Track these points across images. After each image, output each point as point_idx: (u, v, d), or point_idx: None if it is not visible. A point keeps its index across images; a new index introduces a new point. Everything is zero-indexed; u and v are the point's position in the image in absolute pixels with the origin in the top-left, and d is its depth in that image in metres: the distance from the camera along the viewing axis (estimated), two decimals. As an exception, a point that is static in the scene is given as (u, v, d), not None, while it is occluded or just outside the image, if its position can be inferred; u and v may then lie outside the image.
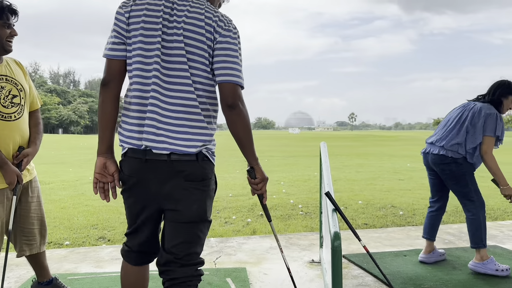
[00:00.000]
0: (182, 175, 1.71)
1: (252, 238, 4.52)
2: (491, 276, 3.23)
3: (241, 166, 13.81)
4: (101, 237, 4.78)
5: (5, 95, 2.36)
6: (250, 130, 1.78)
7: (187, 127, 1.72)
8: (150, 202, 1.79)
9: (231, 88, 1.70)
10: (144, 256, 1.93)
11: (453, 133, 3.38)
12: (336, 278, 1.88)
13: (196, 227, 1.78)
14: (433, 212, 3.65)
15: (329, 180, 2.65)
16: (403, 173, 11.37)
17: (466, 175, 3.33)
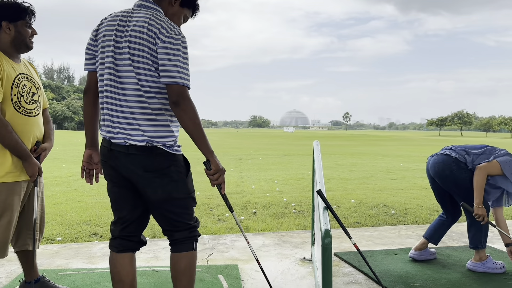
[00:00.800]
0: (141, 167, 1.98)
1: (245, 235, 4.53)
2: (480, 275, 3.27)
3: (235, 164, 13.83)
4: (93, 233, 4.78)
5: (27, 92, 2.51)
6: (198, 124, 1.95)
7: (136, 120, 1.97)
8: (124, 188, 2.09)
9: (174, 87, 1.91)
10: (126, 243, 2.14)
11: (470, 145, 3.42)
12: (326, 275, 1.89)
13: (169, 205, 2.05)
14: (443, 218, 3.66)
15: (321, 178, 2.67)
16: (396, 173, 11.43)
17: (468, 180, 3.29)
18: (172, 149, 2.02)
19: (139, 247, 2.22)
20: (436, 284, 3.08)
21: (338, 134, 74.37)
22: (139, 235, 2.20)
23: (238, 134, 67.20)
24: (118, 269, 2.12)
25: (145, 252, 3.83)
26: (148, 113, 1.98)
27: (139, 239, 2.20)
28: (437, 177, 3.45)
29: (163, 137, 2.00)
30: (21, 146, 2.40)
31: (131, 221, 2.14)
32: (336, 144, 32.19)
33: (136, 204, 2.12)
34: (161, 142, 1.99)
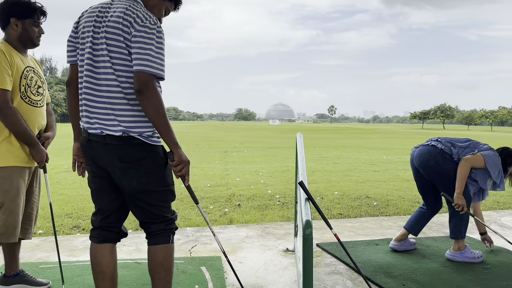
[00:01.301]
0: (117, 157, 1.98)
1: (229, 227, 4.55)
2: (458, 264, 3.35)
3: (220, 157, 13.81)
4: (75, 226, 4.73)
5: (34, 85, 2.61)
6: (162, 115, 1.92)
7: (112, 111, 1.97)
8: (103, 179, 2.08)
9: (140, 75, 1.88)
10: (107, 234, 2.14)
11: (455, 138, 3.50)
12: (307, 265, 1.92)
13: (145, 197, 2.04)
14: (423, 209, 3.72)
15: (304, 170, 2.68)
16: (379, 165, 11.56)
17: (452, 171, 3.36)
18: (150, 140, 2.01)
19: (120, 238, 2.22)
20: (415, 273, 3.14)
21: (323, 127, 74.80)
22: (120, 226, 2.19)
23: (223, 127, 67.04)
24: (99, 260, 2.12)
25: (128, 244, 3.81)
26: (124, 103, 1.97)
27: (119, 230, 2.19)
28: (422, 167, 3.51)
29: (140, 127, 1.98)
30: (30, 133, 2.50)
31: (111, 211, 2.14)
32: (321, 137, 32.38)
33: (116, 195, 2.11)
34: (137, 132, 1.98)
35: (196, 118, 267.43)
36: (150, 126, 2.00)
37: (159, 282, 2.09)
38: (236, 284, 2.95)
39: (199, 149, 17.32)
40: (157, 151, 2.05)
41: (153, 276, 2.10)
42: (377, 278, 3.03)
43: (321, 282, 3.00)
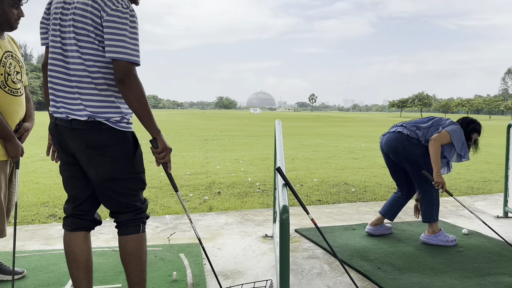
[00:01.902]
0: (83, 142, 1.93)
1: (208, 214, 4.55)
2: (432, 248, 3.43)
3: (200, 145, 13.75)
4: (52, 215, 4.66)
5: (13, 71, 2.45)
6: (144, 103, 1.90)
7: (79, 95, 1.91)
8: (73, 165, 2.03)
9: (120, 64, 1.84)
10: (79, 222, 2.09)
11: (418, 120, 3.59)
12: (284, 249, 1.93)
13: (112, 185, 1.99)
14: (398, 194, 3.80)
15: (282, 156, 2.69)
16: (358, 153, 11.71)
17: (420, 156, 3.46)
18: (118, 125, 1.95)
19: (94, 226, 2.17)
20: (391, 257, 3.21)
21: (304, 116, 75.14)
22: (92, 214, 2.14)
23: (204, 115, 66.63)
24: (72, 248, 2.07)
25: (105, 232, 3.78)
26: (91, 87, 1.91)
27: (92, 218, 2.14)
28: (392, 154, 3.59)
29: (107, 113, 1.92)
30: (5, 126, 2.36)
31: (83, 199, 2.08)
32: (301, 125, 32.54)
33: (87, 182, 2.05)
34: (104, 118, 1.92)
35: (176, 107, 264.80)
36: (119, 111, 1.95)
37: (132, 271, 2.06)
38: (215, 270, 2.96)
39: (179, 137, 17.19)
40: (126, 137, 1.99)
41: (125, 266, 2.07)
42: (353, 262, 3.09)
43: (298, 267, 3.04)
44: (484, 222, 3.52)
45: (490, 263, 3.09)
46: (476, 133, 3.60)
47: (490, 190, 6.33)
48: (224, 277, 2.85)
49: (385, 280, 2.75)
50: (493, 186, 6.69)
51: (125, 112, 1.99)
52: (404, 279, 2.78)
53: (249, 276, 2.87)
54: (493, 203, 5.14)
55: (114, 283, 2.70)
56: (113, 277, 2.78)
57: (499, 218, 4.46)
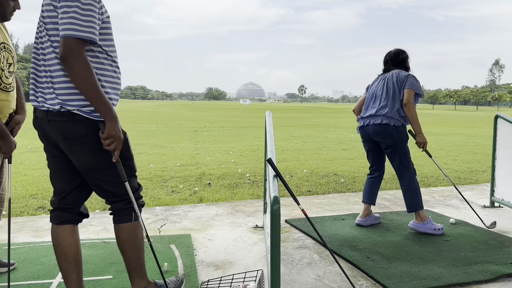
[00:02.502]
0: (60, 134, 1.91)
1: (199, 206, 4.55)
2: (420, 237, 3.49)
3: (190, 136, 13.70)
4: (40, 207, 4.62)
5: (6, 65, 2.35)
6: (91, 84, 1.80)
7: (51, 84, 1.88)
8: (57, 158, 2.02)
9: (65, 41, 1.77)
10: (66, 215, 2.08)
11: (390, 101, 3.60)
12: (274, 239, 1.95)
13: (97, 175, 1.97)
14: (373, 178, 3.86)
15: (272, 148, 2.70)
16: (347, 144, 11.78)
17: (405, 142, 3.59)
18: (92, 115, 1.89)
19: (81, 219, 2.15)
20: (379, 246, 3.26)
21: (293, 107, 75.22)
22: (78, 207, 2.13)
23: (193, 107, 66.32)
24: (60, 241, 2.07)
25: (95, 224, 3.76)
26: (61, 74, 1.86)
27: (78, 211, 2.12)
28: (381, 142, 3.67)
29: (77, 100, 1.86)
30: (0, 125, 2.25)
31: (68, 192, 2.06)
32: (291, 117, 32.59)
33: (72, 175, 2.03)
34: (75, 106, 1.86)
35: (165, 98, 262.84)
36: None
37: (127, 258, 2.10)
38: (206, 260, 2.98)
39: (168, 128, 17.11)
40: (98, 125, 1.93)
41: (122, 253, 2.10)
42: (343, 252, 3.12)
43: (289, 256, 3.07)
44: (472, 208, 3.59)
45: (477, 251, 3.15)
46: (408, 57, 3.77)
47: (477, 180, 6.43)
48: (215, 267, 2.86)
49: (374, 269, 2.79)
50: (480, 176, 6.79)
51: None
52: (392, 268, 2.83)
53: (240, 266, 2.89)
54: (480, 193, 5.22)
55: (105, 274, 2.70)
56: (104, 269, 2.78)
57: (486, 208, 4.54)
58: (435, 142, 12.33)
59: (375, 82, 3.80)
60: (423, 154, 8.69)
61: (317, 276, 2.73)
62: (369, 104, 3.74)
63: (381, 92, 3.67)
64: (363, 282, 2.66)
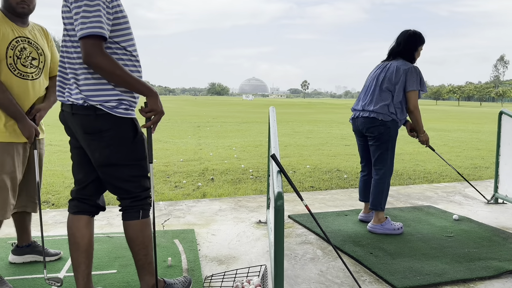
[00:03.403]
0: (80, 127, 1.97)
1: (202, 201, 4.57)
2: (423, 233, 3.49)
3: (193, 132, 13.72)
4: (45, 201, 4.64)
5: (26, 56, 2.46)
6: (120, 75, 1.87)
7: (75, 80, 1.96)
8: (79, 149, 2.09)
9: (82, 45, 1.83)
10: (82, 206, 2.13)
11: (376, 95, 3.49)
12: (278, 235, 1.96)
13: (111, 171, 2.02)
14: (366, 176, 3.80)
15: (276, 143, 2.70)
16: (350, 139, 11.76)
17: (390, 140, 3.47)
18: (114, 111, 1.94)
19: (97, 211, 2.19)
20: (382, 242, 3.26)
21: (296, 102, 75.11)
22: (95, 199, 2.16)
23: (196, 102, 66.33)
24: (73, 231, 2.11)
25: (99, 219, 3.78)
26: (84, 72, 1.93)
27: (94, 203, 2.16)
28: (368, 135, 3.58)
29: (100, 96, 1.93)
30: (14, 106, 2.38)
31: (87, 183, 2.12)
32: (294, 112, 32.55)
33: (92, 167, 2.09)
34: (98, 101, 1.92)
35: (168, 93, 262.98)
36: (115, 96, 1.94)
37: (135, 255, 2.13)
38: (209, 255, 2.99)
39: (171, 124, 17.12)
40: (124, 123, 1.98)
41: (130, 249, 2.14)
42: (346, 247, 3.13)
43: (292, 252, 3.08)
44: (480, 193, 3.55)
45: (480, 248, 3.15)
46: (421, 44, 3.56)
47: (481, 177, 6.42)
48: (219, 262, 2.88)
49: (377, 265, 2.80)
50: (484, 173, 6.78)
51: (124, 97, 1.97)
52: (395, 263, 2.83)
53: (243, 261, 2.90)
54: (483, 189, 5.21)
55: (109, 269, 2.71)
56: (108, 263, 2.80)
57: (489, 204, 4.53)
58: (438, 138, 12.30)
59: (371, 72, 3.68)
60: (426, 150, 8.69)
61: (320, 272, 2.74)
62: (361, 96, 3.67)
63: (371, 85, 3.56)
64: (366, 278, 2.66)
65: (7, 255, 2.90)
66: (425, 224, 3.73)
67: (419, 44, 3.54)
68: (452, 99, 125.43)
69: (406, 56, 3.51)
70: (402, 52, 3.52)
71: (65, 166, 6.60)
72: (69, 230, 2.13)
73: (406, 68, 3.41)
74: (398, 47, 3.55)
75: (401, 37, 3.55)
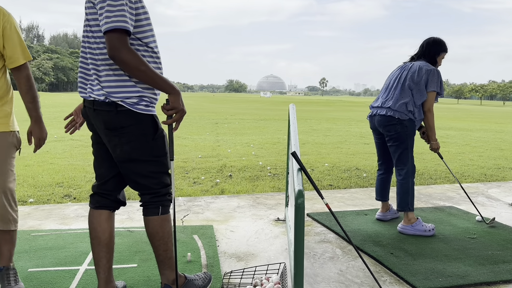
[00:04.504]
0: (102, 123, 1.99)
1: (220, 197, 4.58)
2: (445, 234, 3.42)
3: (211, 128, 13.77)
4: (66, 195, 4.73)
5: None
6: (144, 71, 1.85)
7: (96, 76, 1.97)
8: (100, 145, 2.11)
9: (107, 39, 1.82)
10: (103, 200, 2.16)
11: (396, 93, 3.46)
12: (298, 233, 1.94)
13: (132, 166, 2.04)
14: (382, 175, 3.77)
15: (296, 141, 2.69)
16: (369, 138, 11.63)
17: (408, 139, 3.43)
18: (135, 108, 1.95)
19: (118, 206, 2.22)
20: (403, 242, 3.21)
21: (314, 100, 74.65)
22: (116, 194, 2.18)
23: (214, 99, 66.59)
24: (95, 226, 2.13)
25: (120, 213, 3.83)
26: (107, 69, 1.95)
27: (116, 198, 2.18)
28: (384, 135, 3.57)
29: (122, 92, 1.94)
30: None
31: (108, 178, 2.14)
32: (312, 110, 32.38)
33: (113, 162, 2.11)
34: (119, 98, 1.93)
35: (186, 89, 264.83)
36: (136, 92, 1.95)
37: (156, 250, 2.15)
38: (228, 252, 3.00)
39: (190, 120, 17.22)
40: (144, 119, 1.99)
41: (151, 244, 2.16)
42: (365, 247, 3.09)
43: (311, 250, 3.06)
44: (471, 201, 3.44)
45: (504, 250, 3.07)
46: (444, 52, 3.57)
47: (504, 177, 6.27)
48: (238, 259, 2.88)
49: (398, 265, 2.76)
50: (507, 174, 6.62)
51: (145, 94, 1.97)
52: (417, 264, 2.78)
53: (262, 258, 2.89)
54: (507, 190, 5.09)
55: (129, 263, 2.74)
56: (129, 257, 2.83)
57: (513, 206, 4.42)
58: (460, 137, 12.06)
59: (393, 71, 3.67)
60: (447, 150, 8.54)
61: (340, 271, 2.71)
62: (381, 94, 3.65)
63: (392, 83, 3.55)
64: (387, 278, 2.63)
65: (30, 247, 2.96)
66: (447, 225, 3.66)
67: (442, 51, 3.56)
68: (474, 98, 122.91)
69: (429, 59, 3.54)
70: (426, 55, 3.55)
71: (86, 161, 6.71)
72: (90, 225, 2.16)
73: (428, 69, 3.42)
74: (421, 49, 3.58)
75: (425, 42, 3.58)
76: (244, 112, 25.38)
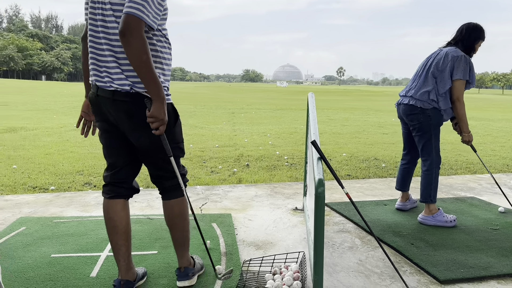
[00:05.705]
0: (124, 113, 1.95)
1: (238, 186, 4.59)
2: (467, 225, 3.36)
3: (227, 118, 13.79)
4: (87, 183, 4.80)
5: None
6: (145, 61, 1.79)
7: (120, 65, 1.93)
8: (113, 133, 2.06)
9: (124, 17, 1.77)
10: (118, 189, 2.16)
11: (420, 81, 3.38)
12: (319, 222, 1.93)
13: (154, 153, 2.05)
14: (405, 165, 3.71)
15: (316, 130, 2.66)
16: (388, 128, 11.50)
17: (432, 129, 3.34)
18: None
19: (132, 194, 2.23)
20: (424, 233, 3.17)
21: (331, 89, 73.98)
22: (130, 182, 2.20)
23: (230, 88, 66.58)
24: (111, 215, 2.14)
25: (139, 201, 3.87)
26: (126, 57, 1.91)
27: (130, 186, 2.20)
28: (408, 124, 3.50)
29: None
30: None
31: (121, 167, 2.14)
32: (329, 99, 32.10)
33: (126, 150, 2.11)
34: (143, 88, 1.92)
35: (203, 79, 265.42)
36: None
37: (179, 231, 2.21)
38: (246, 240, 3.01)
39: (206, 109, 17.28)
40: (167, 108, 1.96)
41: (172, 227, 2.20)
42: (385, 237, 3.06)
43: (330, 240, 3.05)
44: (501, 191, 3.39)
45: (528, 242, 3.01)
46: (482, 40, 3.37)
47: (527, 168, 6.12)
48: (256, 247, 2.89)
49: (419, 256, 2.73)
50: (531, 164, 6.46)
51: (165, 84, 2.00)
52: (438, 255, 2.75)
53: (280, 247, 2.89)
54: (530, 181, 4.97)
55: (150, 249, 2.78)
56: (149, 244, 2.86)
57: (537, 197, 4.32)
58: (481, 127, 11.81)
59: (425, 58, 3.55)
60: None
61: (359, 261, 2.70)
62: (409, 83, 3.57)
63: (419, 71, 3.46)
64: (407, 269, 2.60)
65: (53, 233, 3.02)
66: (469, 216, 3.60)
67: (481, 38, 3.36)
68: (496, 87, 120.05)
69: (467, 45, 3.34)
70: (464, 40, 3.34)
71: (106, 150, 6.79)
72: (106, 215, 2.16)
73: (455, 56, 3.25)
74: (459, 35, 3.38)
75: (465, 26, 3.38)
76: (260, 102, 25.33)
